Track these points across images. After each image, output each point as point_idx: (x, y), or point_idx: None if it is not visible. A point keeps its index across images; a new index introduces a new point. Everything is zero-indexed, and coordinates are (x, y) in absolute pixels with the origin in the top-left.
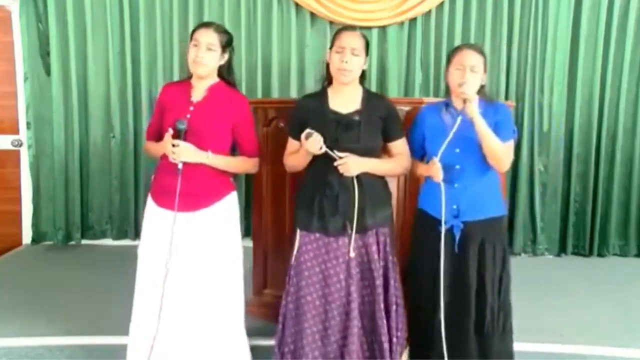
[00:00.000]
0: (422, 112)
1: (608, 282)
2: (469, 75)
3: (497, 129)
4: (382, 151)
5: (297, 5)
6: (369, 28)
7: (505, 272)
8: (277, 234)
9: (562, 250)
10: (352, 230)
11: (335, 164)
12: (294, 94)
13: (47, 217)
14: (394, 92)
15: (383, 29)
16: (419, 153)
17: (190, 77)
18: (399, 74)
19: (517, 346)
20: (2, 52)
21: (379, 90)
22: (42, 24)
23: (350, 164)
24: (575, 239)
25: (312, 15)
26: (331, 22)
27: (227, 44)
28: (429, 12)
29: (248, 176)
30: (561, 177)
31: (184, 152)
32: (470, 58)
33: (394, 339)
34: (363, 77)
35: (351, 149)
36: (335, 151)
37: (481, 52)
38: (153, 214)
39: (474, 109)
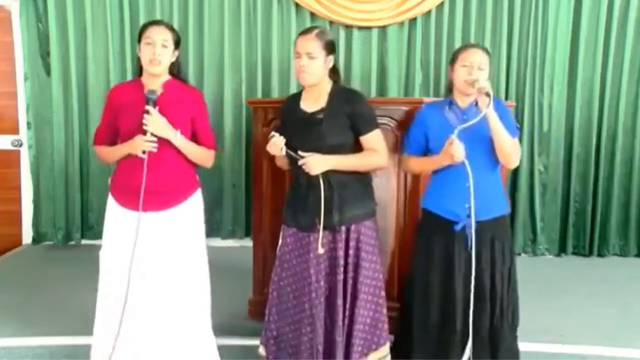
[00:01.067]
0: (423, 111)
1: (608, 282)
2: (478, 73)
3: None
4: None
5: (297, 5)
6: (369, 28)
7: (513, 267)
8: (277, 234)
9: (562, 250)
10: (320, 226)
11: (299, 163)
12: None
13: (47, 217)
14: (394, 92)
15: (383, 29)
16: (417, 151)
17: (138, 76)
18: (399, 74)
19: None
20: (2, 52)
21: (379, 90)
22: (42, 24)
23: (312, 163)
24: (575, 239)
25: (312, 15)
26: (331, 22)
27: (178, 42)
28: (429, 12)
29: (248, 176)
30: (561, 177)
31: (156, 123)
32: (477, 56)
33: (355, 333)
34: (337, 74)
35: (317, 147)
36: (299, 152)
37: (487, 51)
38: (115, 215)
39: (490, 103)
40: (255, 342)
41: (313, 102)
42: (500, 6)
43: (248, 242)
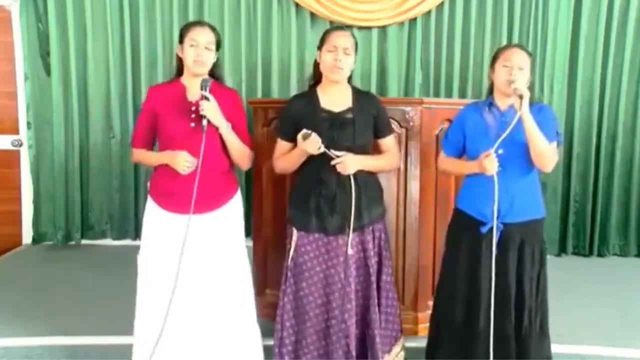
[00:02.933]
0: (464, 111)
1: (608, 282)
2: (517, 73)
3: (540, 129)
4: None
5: (297, 5)
6: (369, 28)
7: (542, 272)
8: (277, 233)
9: (562, 250)
10: (350, 228)
11: (333, 162)
12: (294, 93)
13: (47, 217)
14: (394, 92)
15: (383, 29)
16: (455, 151)
17: (177, 77)
18: (399, 74)
19: None
20: (2, 52)
21: (379, 90)
22: (42, 24)
23: (348, 163)
24: (575, 239)
25: (312, 15)
26: (331, 22)
27: (219, 43)
28: (429, 12)
29: (248, 177)
30: (561, 177)
31: (212, 108)
32: (518, 56)
33: (383, 332)
34: (350, 77)
35: (347, 147)
36: (331, 150)
37: (529, 52)
38: (157, 218)
39: (525, 106)
40: None
41: (335, 102)
42: (500, 6)
43: (248, 242)
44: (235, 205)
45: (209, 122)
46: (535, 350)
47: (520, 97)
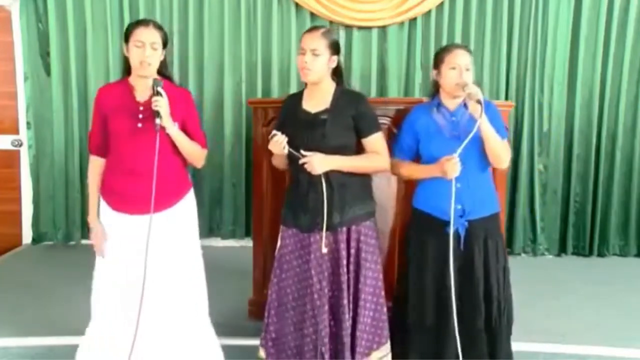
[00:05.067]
0: (412, 114)
1: (608, 282)
2: (466, 75)
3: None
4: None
5: (297, 5)
6: (369, 28)
7: (506, 266)
8: (277, 234)
9: (562, 250)
10: (323, 227)
11: (300, 162)
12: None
13: (47, 217)
14: (394, 92)
15: (383, 29)
16: (408, 155)
17: (125, 77)
18: (399, 74)
19: (518, 346)
20: (2, 52)
21: (379, 90)
22: (42, 24)
23: (314, 162)
24: (575, 239)
25: (312, 15)
26: (331, 22)
27: (166, 41)
28: (429, 12)
29: (248, 176)
30: (561, 177)
31: (165, 105)
32: (463, 57)
33: (358, 334)
34: (340, 75)
35: (319, 147)
36: (301, 151)
37: (469, 50)
38: (109, 219)
39: (482, 111)
40: (255, 342)
41: (316, 103)
42: (500, 6)
43: (248, 242)
44: (187, 204)
45: (155, 122)
46: (504, 345)
47: (478, 102)
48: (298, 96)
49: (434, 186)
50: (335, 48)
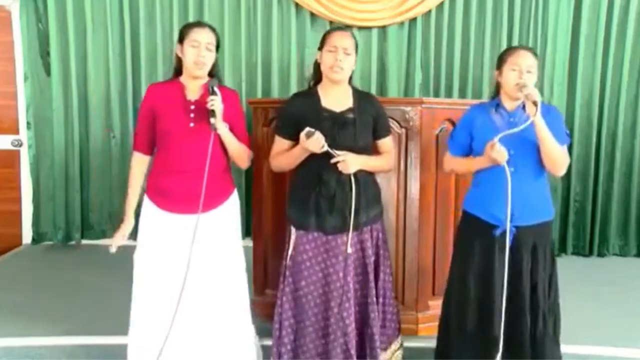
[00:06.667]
0: (470, 112)
1: (608, 282)
2: (527, 77)
3: (550, 131)
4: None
5: (297, 5)
6: (369, 28)
7: (554, 274)
8: (277, 233)
9: (562, 250)
10: (350, 227)
11: (333, 161)
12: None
13: (47, 217)
14: (394, 92)
15: (383, 29)
16: (461, 152)
17: (176, 76)
18: (399, 74)
19: None
20: (2, 52)
21: (379, 90)
22: (42, 24)
23: (350, 162)
24: (575, 239)
25: (312, 15)
26: (331, 22)
27: (219, 43)
28: (429, 12)
29: (248, 176)
30: (561, 176)
31: (219, 104)
32: (527, 59)
33: (382, 330)
34: (350, 77)
35: (349, 147)
36: (334, 149)
37: (536, 54)
38: (154, 217)
39: (539, 113)
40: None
41: (337, 102)
42: (500, 6)
43: (248, 242)
44: (232, 205)
45: (209, 122)
46: (550, 354)
47: (535, 103)
48: (311, 95)
49: (484, 188)
50: (357, 50)
